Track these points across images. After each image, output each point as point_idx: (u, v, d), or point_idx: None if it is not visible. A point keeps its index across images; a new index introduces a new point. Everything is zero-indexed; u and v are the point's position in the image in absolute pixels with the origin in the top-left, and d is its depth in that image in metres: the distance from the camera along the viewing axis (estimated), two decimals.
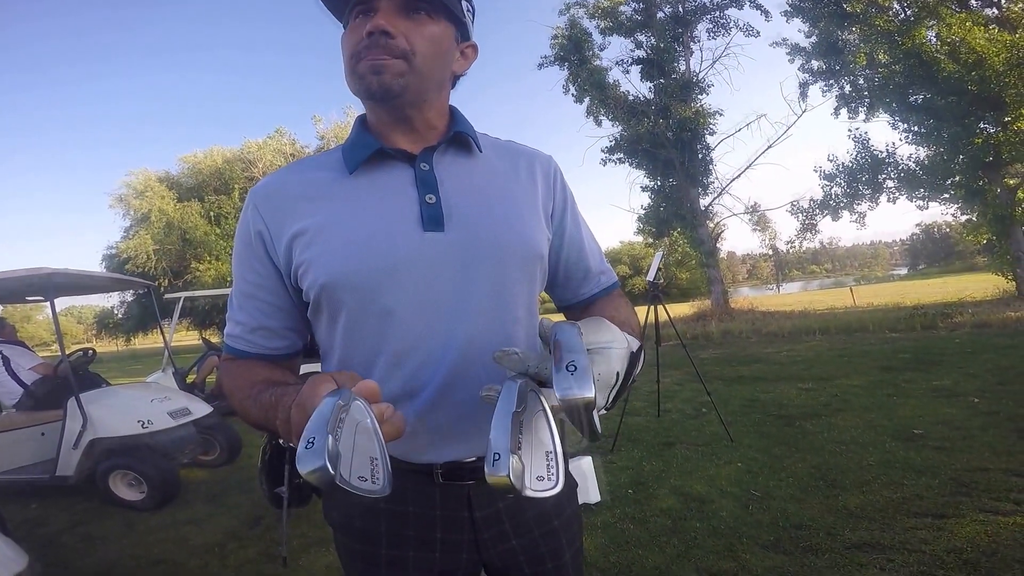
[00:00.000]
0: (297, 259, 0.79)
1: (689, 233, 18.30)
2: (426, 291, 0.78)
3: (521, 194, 0.88)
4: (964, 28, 11.63)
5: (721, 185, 18.23)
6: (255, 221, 0.81)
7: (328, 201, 0.80)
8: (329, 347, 0.85)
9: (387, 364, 0.78)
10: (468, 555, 0.84)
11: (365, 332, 0.79)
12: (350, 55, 0.78)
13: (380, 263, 0.76)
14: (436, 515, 0.83)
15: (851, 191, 15.76)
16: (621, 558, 2.54)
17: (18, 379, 4.42)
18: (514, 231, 0.83)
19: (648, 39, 17.79)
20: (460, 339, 0.79)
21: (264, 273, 0.83)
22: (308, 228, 0.79)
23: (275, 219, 0.81)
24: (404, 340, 0.78)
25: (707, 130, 17.37)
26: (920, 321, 9.94)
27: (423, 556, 0.83)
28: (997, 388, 4.79)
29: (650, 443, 4.33)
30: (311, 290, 0.79)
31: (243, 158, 27.39)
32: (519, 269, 0.84)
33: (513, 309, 0.84)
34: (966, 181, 12.94)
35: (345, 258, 0.76)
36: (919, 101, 13.28)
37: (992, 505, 2.65)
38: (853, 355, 7.57)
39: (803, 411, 4.79)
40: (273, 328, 0.85)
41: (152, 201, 26.06)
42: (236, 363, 0.86)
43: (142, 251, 24.93)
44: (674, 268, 24.43)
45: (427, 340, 0.78)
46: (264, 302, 0.84)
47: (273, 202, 0.82)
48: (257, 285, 0.83)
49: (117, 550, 3.19)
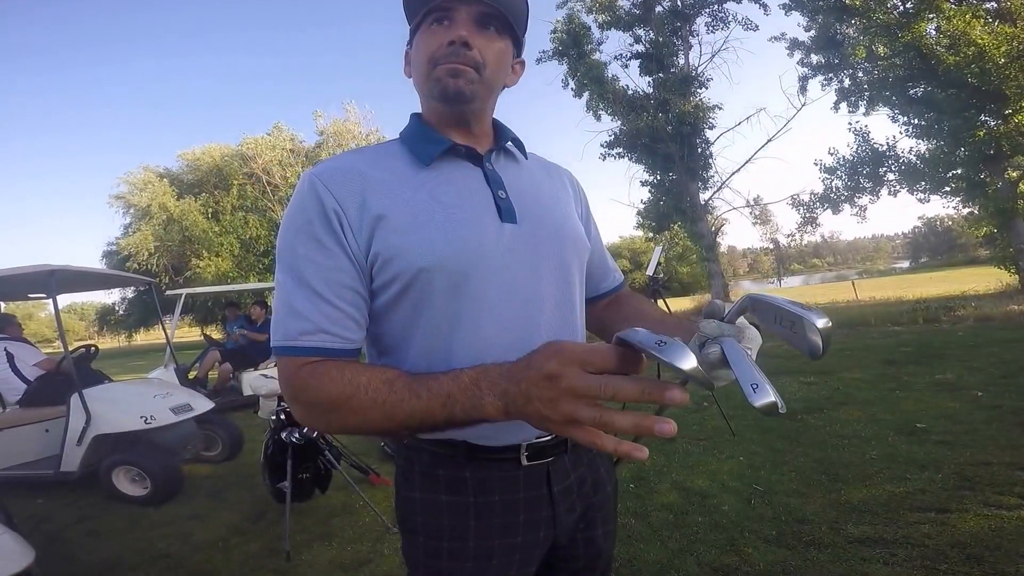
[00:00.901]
0: (382, 244, 0.77)
1: (689, 227, 18.33)
2: (509, 278, 0.82)
3: (564, 197, 1.00)
4: (964, 21, 11.56)
5: (721, 179, 18.29)
6: (327, 199, 0.77)
7: (410, 190, 0.81)
8: (405, 339, 0.82)
9: (476, 349, 0.79)
10: (545, 532, 0.87)
11: (454, 317, 0.79)
12: (427, 59, 0.84)
13: (472, 250, 0.79)
14: (520, 498, 0.85)
15: (852, 185, 15.72)
16: (622, 552, 2.54)
17: (22, 376, 4.44)
18: (570, 225, 0.94)
19: (647, 33, 17.77)
20: (538, 323, 0.84)
21: (342, 255, 0.77)
22: (393, 214, 0.78)
23: (352, 199, 0.78)
24: (493, 324, 0.81)
25: (706, 124, 17.38)
26: (922, 315, 9.91)
27: (507, 542, 0.84)
28: (1001, 382, 4.78)
29: (652, 437, 4.31)
30: (402, 276, 0.77)
31: (241, 154, 27.37)
32: (576, 257, 0.93)
33: (572, 295, 0.92)
34: (967, 174, 12.89)
35: (443, 243, 0.78)
36: (919, 94, 13.21)
37: (996, 499, 2.64)
38: (855, 349, 7.56)
39: (805, 405, 4.78)
40: (356, 319, 0.79)
41: (152, 196, 26.09)
42: (332, 365, 0.74)
43: (143, 248, 24.98)
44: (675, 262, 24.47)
45: (512, 323, 0.82)
46: (346, 288, 0.77)
47: (347, 183, 0.79)
48: (336, 268, 0.77)
49: (121, 545, 3.20)
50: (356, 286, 0.78)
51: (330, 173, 0.80)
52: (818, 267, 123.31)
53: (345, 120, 27.97)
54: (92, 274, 4.87)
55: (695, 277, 37.51)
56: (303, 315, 0.75)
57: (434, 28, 0.84)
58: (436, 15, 0.83)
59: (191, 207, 25.22)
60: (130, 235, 26.19)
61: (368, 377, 0.71)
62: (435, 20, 0.84)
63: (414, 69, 0.89)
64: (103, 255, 28.88)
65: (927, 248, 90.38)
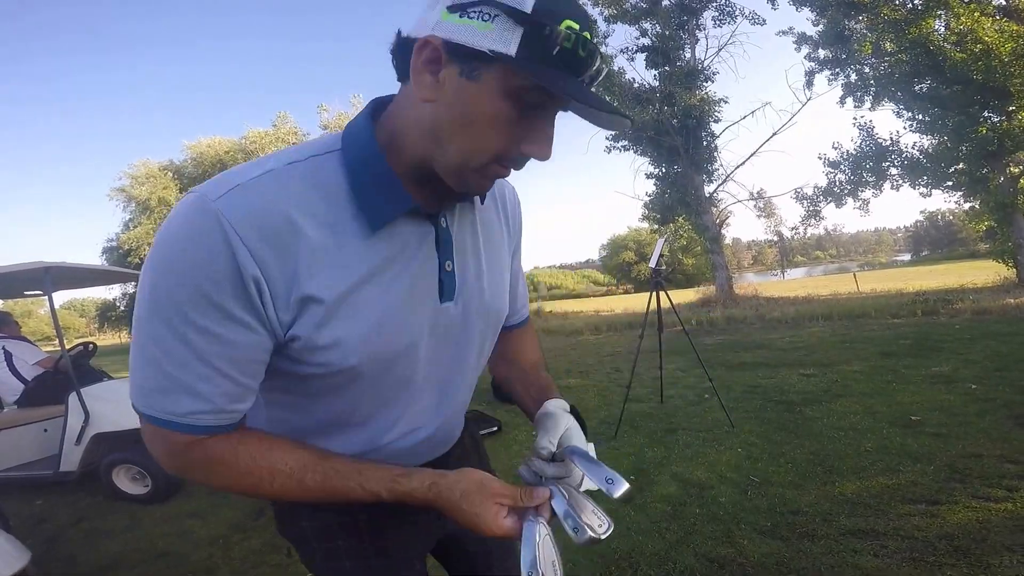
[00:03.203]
0: (308, 331, 0.65)
1: (694, 220, 18.31)
2: (435, 359, 0.79)
3: (503, 249, 0.90)
4: (972, 18, 11.57)
5: (726, 172, 18.22)
6: (245, 262, 0.59)
7: (352, 268, 0.66)
8: (311, 402, 0.76)
9: (388, 421, 0.80)
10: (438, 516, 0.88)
11: (373, 394, 0.76)
12: (488, 149, 0.62)
13: (408, 343, 0.73)
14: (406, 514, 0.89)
15: (855, 178, 15.79)
16: (622, 544, 2.57)
17: (20, 375, 4.42)
18: (498, 299, 0.87)
19: (653, 27, 17.66)
20: (453, 395, 0.87)
21: (254, 330, 0.63)
22: (328, 299, 0.64)
23: (279, 266, 0.61)
24: (411, 403, 0.81)
25: (712, 118, 17.32)
26: (921, 307, 9.95)
27: (402, 528, 0.90)
28: (995, 375, 4.80)
29: (652, 430, 4.36)
30: (326, 366, 0.68)
31: (244, 148, 27.26)
32: (495, 332, 0.90)
33: (482, 363, 0.92)
34: (969, 170, 13.01)
35: (380, 341, 0.70)
36: (924, 90, 13.26)
37: (985, 492, 2.67)
38: (855, 341, 7.59)
39: (804, 397, 4.81)
40: (253, 389, 0.69)
41: (152, 190, 26.04)
42: (228, 445, 0.68)
43: (144, 242, 24.93)
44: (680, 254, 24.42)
45: (431, 400, 0.83)
46: (254, 362, 0.66)
47: (275, 241, 0.61)
48: (246, 346, 0.63)
49: (122, 544, 3.22)
50: (264, 358, 0.67)
51: (250, 220, 0.59)
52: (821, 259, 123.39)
53: (351, 113, 27.69)
54: (88, 270, 4.83)
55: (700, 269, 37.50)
56: (198, 394, 0.62)
57: (532, 119, 0.62)
58: (543, 108, 0.62)
59: None
60: (131, 230, 26.17)
61: (291, 454, 0.70)
62: (539, 112, 0.62)
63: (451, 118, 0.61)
64: (103, 251, 28.92)
65: (928, 241, 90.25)
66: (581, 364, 8.34)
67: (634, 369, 4.70)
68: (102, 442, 3.91)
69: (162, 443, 0.66)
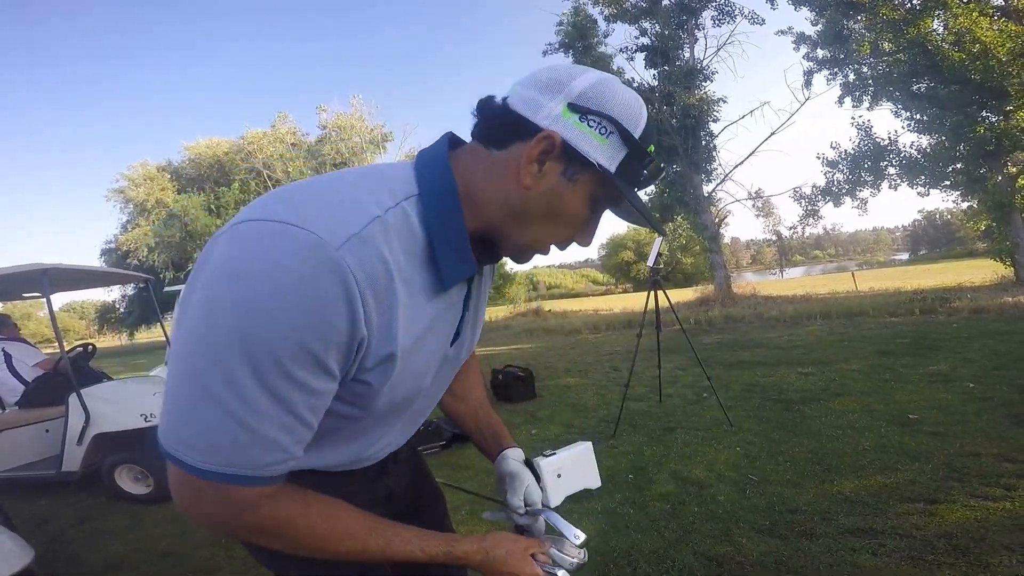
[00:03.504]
0: (378, 381, 0.65)
1: (693, 219, 18.34)
2: (429, 392, 0.83)
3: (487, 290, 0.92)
4: (970, 18, 11.60)
5: (724, 172, 18.25)
6: (360, 326, 0.58)
7: (417, 323, 0.66)
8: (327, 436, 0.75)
9: (375, 438, 0.84)
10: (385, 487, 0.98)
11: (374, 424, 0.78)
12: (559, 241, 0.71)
13: (425, 382, 0.77)
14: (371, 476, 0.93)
15: (853, 178, 15.81)
16: (620, 542, 2.58)
17: (20, 376, 4.42)
18: (475, 344, 0.94)
19: (653, 26, 17.69)
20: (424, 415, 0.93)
21: (339, 377, 0.61)
22: (399, 357, 0.65)
23: (379, 325, 0.61)
24: (397, 425, 0.87)
25: (711, 117, 17.34)
26: (919, 306, 9.97)
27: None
28: (992, 374, 4.81)
29: (651, 428, 4.37)
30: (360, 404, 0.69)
31: (243, 148, 27.18)
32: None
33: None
34: (967, 169, 13.04)
35: (413, 387, 0.73)
36: (922, 90, 13.31)
37: (983, 491, 2.68)
38: (853, 339, 7.61)
39: (802, 395, 4.83)
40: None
41: (150, 192, 25.99)
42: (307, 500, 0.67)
43: (142, 244, 24.85)
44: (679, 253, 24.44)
45: (411, 421, 0.91)
46: (327, 405, 0.64)
47: (379, 302, 0.59)
48: (327, 393, 0.61)
49: (124, 544, 3.23)
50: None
51: (370, 280, 0.58)
52: (820, 258, 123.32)
53: (350, 114, 27.55)
54: (86, 272, 4.81)
55: (698, 268, 37.55)
56: (277, 444, 0.58)
57: (587, 207, 0.69)
58: (613, 200, 0.70)
59: (192, 202, 25.09)
60: (129, 231, 26.11)
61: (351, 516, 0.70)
62: (603, 209, 0.72)
63: (540, 208, 0.66)
64: (101, 252, 28.89)
65: (926, 241, 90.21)
66: (580, 363, 8.35)
67: (633, 368, 4.71)
68: (103, 442, 3.91)
69: (221, 503, 0.60)
